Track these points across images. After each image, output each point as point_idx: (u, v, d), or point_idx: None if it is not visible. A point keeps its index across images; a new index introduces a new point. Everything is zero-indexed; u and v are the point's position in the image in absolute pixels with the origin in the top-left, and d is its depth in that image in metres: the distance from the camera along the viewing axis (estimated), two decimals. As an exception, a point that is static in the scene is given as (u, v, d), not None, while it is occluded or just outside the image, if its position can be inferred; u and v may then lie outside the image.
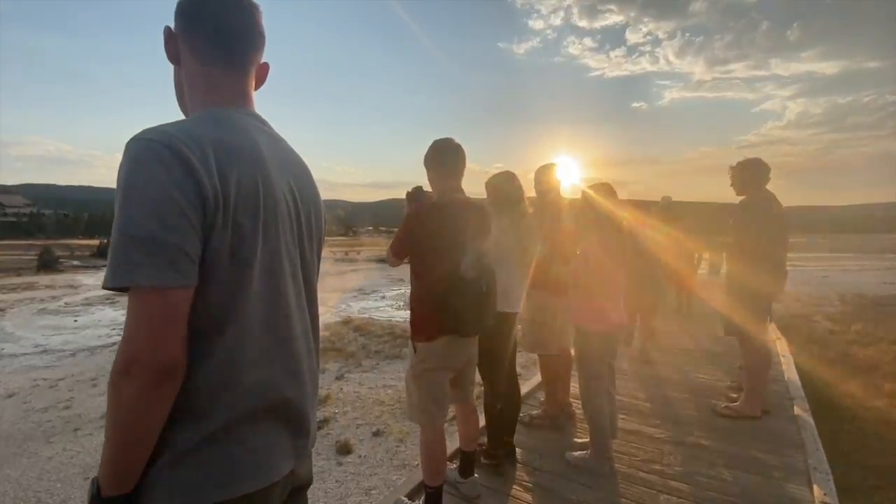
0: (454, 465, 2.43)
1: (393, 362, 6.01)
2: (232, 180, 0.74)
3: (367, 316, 9.33)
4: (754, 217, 3.20)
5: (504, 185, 2.51)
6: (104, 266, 0.68)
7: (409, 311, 2.10)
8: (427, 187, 2.21)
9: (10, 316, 10.26)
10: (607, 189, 2.61)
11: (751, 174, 3.29)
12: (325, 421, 4.11)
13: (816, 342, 6.38)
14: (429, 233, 1.92)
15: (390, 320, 8.87)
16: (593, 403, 2.53)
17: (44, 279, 19.94)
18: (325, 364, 5.99)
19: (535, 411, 3.24)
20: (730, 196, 3.48)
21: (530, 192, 2.80)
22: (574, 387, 3.62)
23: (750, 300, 3.26)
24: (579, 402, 3.51)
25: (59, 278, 20.29)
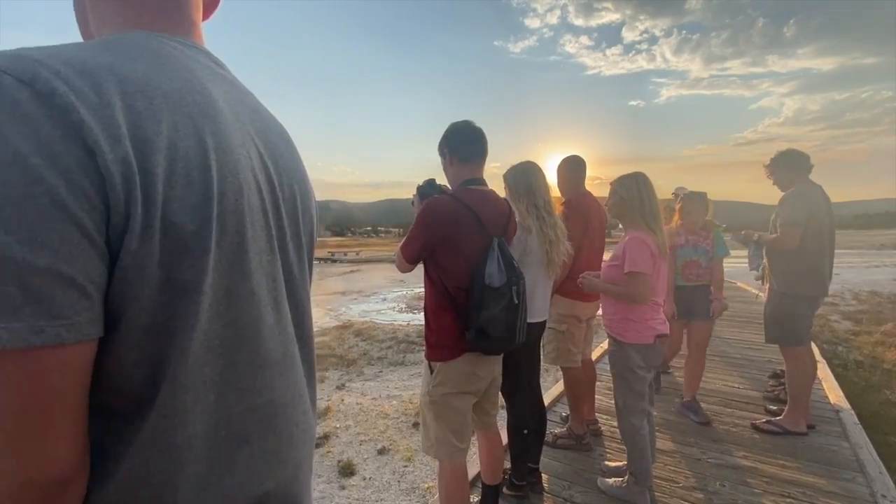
0: (475, 500, 2.11)
1: (396, 369, 5.70)
2: (159, 148, 0.42)
3: (368, 319, 9.00)
4: (800, 212, 2.88)
5: (527, 177, 2.19)
6: None
7: (412, 315, 1.79)
8: (442, 180, 1.90)
9: None
10: (642, 179, 2.28)
11: (792, 165, 2.99)
12: (326, 437, 3.79)
13: (841, 344, 6.08)
14: (448, 231, 1.61)
15: (392, 323, 8.55)
16: (632, 425, 2.22)
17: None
18: (325, 372, 5.67)
19: (558, 429, 2.93)
20: (729, 193, 3.14)
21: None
22: (600, 399, 3.32)
23: (793, 303, 2.95)
24: (606, 416, 3.24)
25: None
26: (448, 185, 1.85)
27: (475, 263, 1.64)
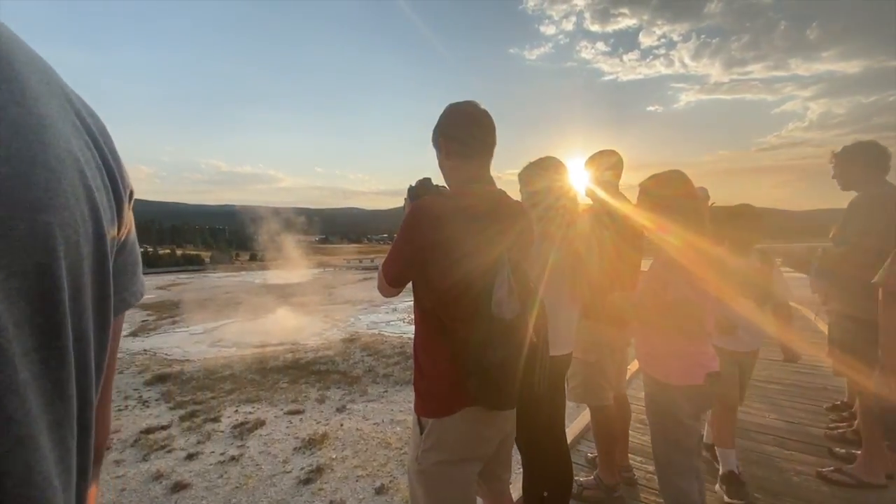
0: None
1: (402, 389, 5.28)
2: None
3: (376, 331, 8.63)
4: (873, 220, 2.39)
5: (547, 175, 1.77)
6: None
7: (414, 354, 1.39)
8: (439, 179, 1.49)
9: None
10: (680, 179, 1.83)
11: (865, 162, 2.50)
12: (319, 471, 3.39)
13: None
14: (441, 243, 1.20)
15: (401, 336, 8.15)
16: (678, 489, 1.76)
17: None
18: (327, 391, 5.30)
19: (584, 476, 2.47)
20: (752, 199, 2.66)
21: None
22: (632, 435, 2.84)
23: (866, 328, 2.44)
24: (640, 458, 2.75)
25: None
26: (447, 186, 1.45)
27: (479, 286, 1.23)
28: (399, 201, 1.51)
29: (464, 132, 1.33)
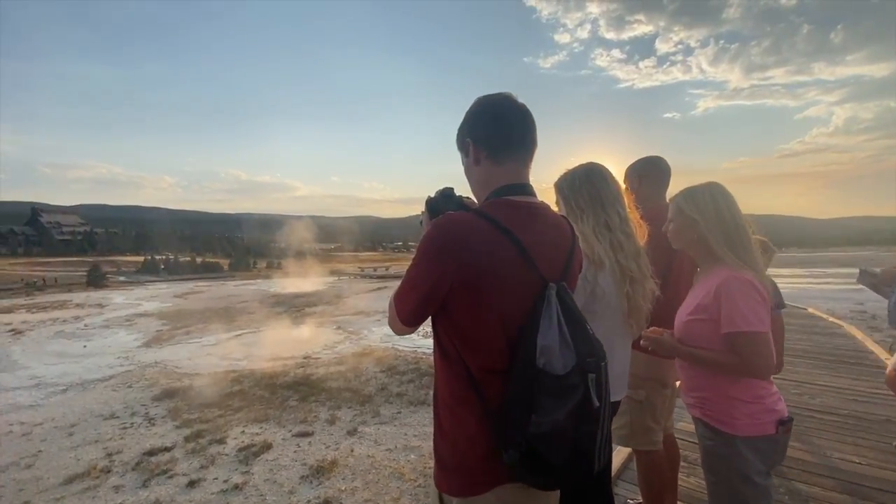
0: None
1: (417, 411, 4.99)
2: None
3: (389, 345, 8.36)
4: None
5: (592, 183, 1.49)
6: (148, 281, 0.09)
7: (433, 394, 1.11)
8: (464, 190, 1.23)
9: (26, 339, 9.89)
10: (720, 192, 1.54)
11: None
12: (326, 505, 3.11)
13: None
14: (470, 275, 0.93)
15: (416, 351, 7.86)
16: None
17: (80, 296, 20.24)
18: (337, 411, 5.03)
19: (626, 529, 2.14)
20: (775, 207, 2.30)
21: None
22: (681, 478, 2.49)
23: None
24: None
25: (96, 295, 20.58)
26: (473, 198, 1.17)
27: (518, 328, 0.96)
28: (413, 209, 1.24)
29: (498, 131, 1.06)
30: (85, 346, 8.94)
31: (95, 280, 25.88)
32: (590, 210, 1.46)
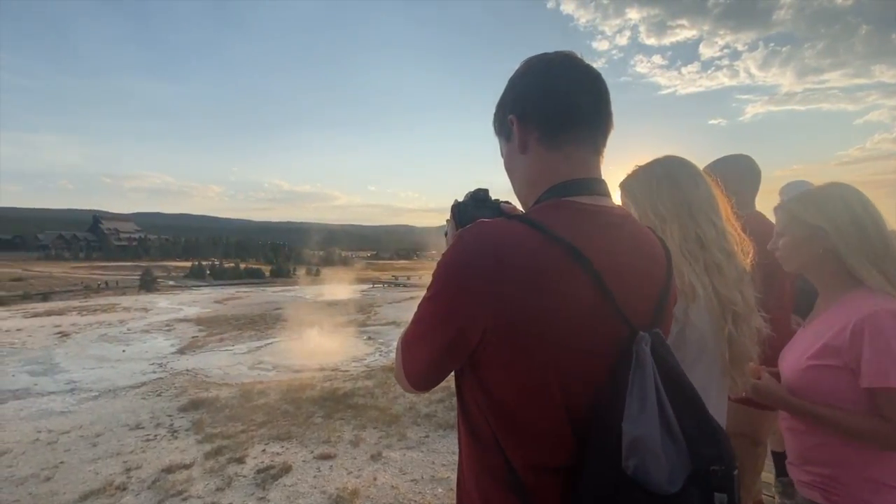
0: None
1: (446, 435, 4.61)
2: None
3: (420, 359, 8.03)
4: None
5: (677, 186, 1.10)
6: (194, 286, 0.10)
7: None
8: (500, 192, 0.87)
9: (71, 342, 10.25)
10: (856, 197, 1.15)
11: None
12: (342, 549, 2.78)
13: None
14: (512, 317, 0.57)
15: (447, 366, 7.50)
16: None
17: (129, 300, 21.23)
18: (362, 431, 4.73)
19: None
20: None
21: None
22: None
23: None
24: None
25: (144, 299, 21.54)
26: (517, 204, 0.81)
27: (590, 404, 0.59)
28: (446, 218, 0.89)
29: (555, 101, 0.70)
30: (123, 351, 9.14)
31: (147, 284, 27.40)
32: (674, 220, 1.06)
